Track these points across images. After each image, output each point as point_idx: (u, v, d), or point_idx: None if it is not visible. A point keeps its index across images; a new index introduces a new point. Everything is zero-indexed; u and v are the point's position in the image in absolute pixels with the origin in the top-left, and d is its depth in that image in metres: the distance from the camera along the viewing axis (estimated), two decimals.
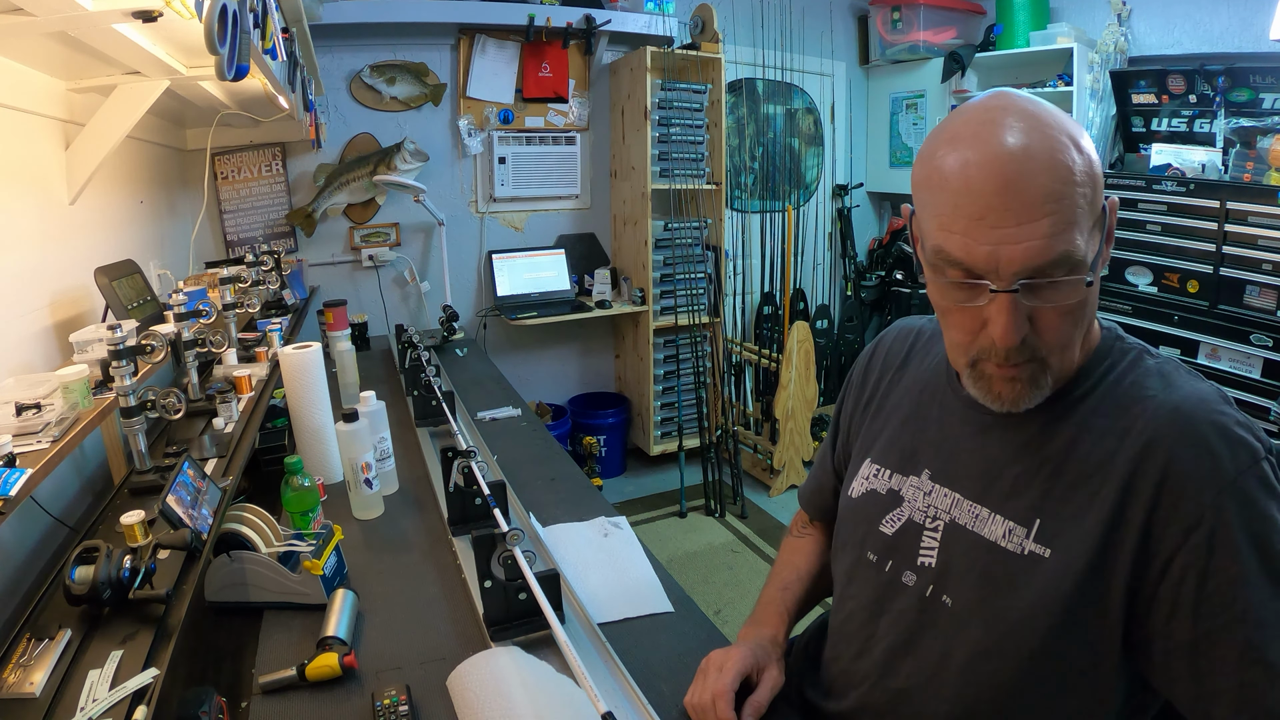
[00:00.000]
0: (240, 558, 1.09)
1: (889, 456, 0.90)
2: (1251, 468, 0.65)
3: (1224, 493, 0.64)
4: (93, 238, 1.59)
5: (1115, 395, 0.74)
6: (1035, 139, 0.65)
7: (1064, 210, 0.64)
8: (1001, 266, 0.66)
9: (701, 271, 3.39)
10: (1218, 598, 0.63)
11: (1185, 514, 0.65)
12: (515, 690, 0.89)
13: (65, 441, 0.94)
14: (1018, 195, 0.64)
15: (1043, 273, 0.66)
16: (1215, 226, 2.63)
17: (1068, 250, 0.65)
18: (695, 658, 0.97)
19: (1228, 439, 0.67)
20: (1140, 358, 0.77)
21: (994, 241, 0.66)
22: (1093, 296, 0.71)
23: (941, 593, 0.79)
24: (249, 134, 2.86)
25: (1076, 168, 0.65)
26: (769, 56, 3.43)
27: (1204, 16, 2.98)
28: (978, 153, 0.66)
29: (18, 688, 0.72)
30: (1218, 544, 0.64)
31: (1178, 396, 0.71)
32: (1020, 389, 0.73)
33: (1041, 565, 0.72)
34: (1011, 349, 0.69)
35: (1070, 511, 0.72)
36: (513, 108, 3.30)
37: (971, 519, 0.79)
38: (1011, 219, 0.64)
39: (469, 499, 1.30)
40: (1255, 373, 2.55)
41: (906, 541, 0.84)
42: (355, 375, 2.00)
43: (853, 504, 0.92)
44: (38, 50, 1.22)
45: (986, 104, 0.70)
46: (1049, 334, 0.70)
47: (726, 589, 2.63)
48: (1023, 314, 0.68)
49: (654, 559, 1.26)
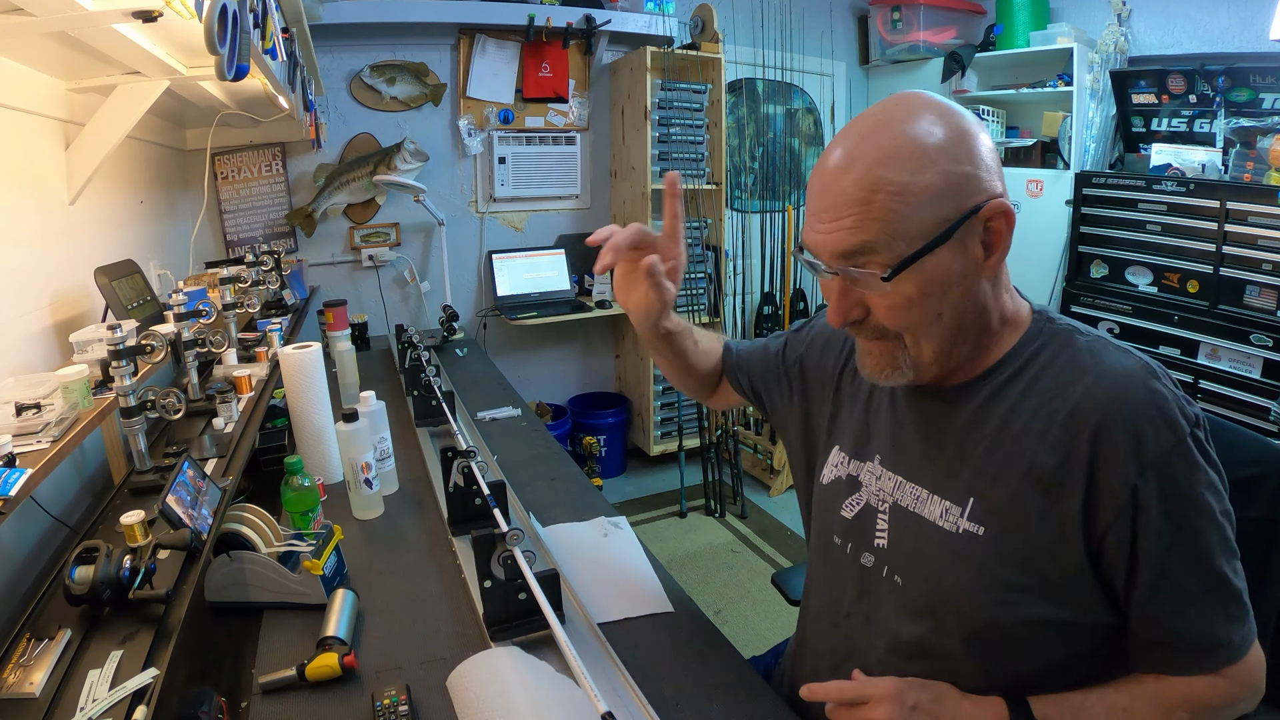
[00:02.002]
0: (240, 558, 1.09)
1: (848, 442, 0.94)
2: (1176, 445, 0.70)
3: (1148, 470, 0.70)
4: (93, 238, 1.59)
5: (1047, 376, 0.77)
6: (864, 150, 0.72)
7: (868, 213, 0.71)
8: (821, 252, 0.76)
9: (701, 271, 3.39)
10: (1135, 564, 0.71)
11: (1116, 492, 0.70)
12: (515, 690, 0.89)
13: (65, 441, 0.94)
14: (831, 200, 0.74)
15: (849, 260, 0.74)
16: (1215, 226, 2.63)
17: (862, 250, 0.72)
18: (695, 658, 0.97)
19: (1154, 417, 0.71)
20: (1071, 337, 0.80)
21: (818, 233, 0.76)
22: (957, 297, 0.75)
23: (894, 573, 0.84)
24: (249, 134, 2.86)
25: (900, 179, 0.70)
26: (769, 56, 3.43)
27: (1204, 16, 2.98)
28: (823, 162, 0.76)
29: (18, 688, 0.72)
30: (1140, 519, 0.70)
31: (1108, 376, 0.74)
32: (879, 362, 0.81)
33: (976, 543, 0.76)
34: (846, 324, 0.79)
35: (1003, 491, 0.76)
36: (513, 108, 3.30)
37: (913, 500, 0.83)
38: (828, 217, 0.74)
39: (469, 499, 1.30)
40: (1255, 373, 2.55)
41: (864, 524, 0.88)
42: (355, 375, 2.00)
43: (822, 490, 0.96)
44: (38, 50, 1.22)
45: (870, 109, 0.77)
46: (883, 318, 0.77)
47: (726, 589, 2.63)
48: (852, 298, 0.77)
49: (654, 559, 1.26)
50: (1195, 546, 0.71)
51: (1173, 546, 0.70)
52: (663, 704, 0.89)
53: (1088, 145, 3.20)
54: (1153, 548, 0.70)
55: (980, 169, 0.72)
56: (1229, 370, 2.63)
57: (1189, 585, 0.71)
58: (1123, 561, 0.72)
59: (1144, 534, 0.70)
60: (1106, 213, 3.00)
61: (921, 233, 0.71)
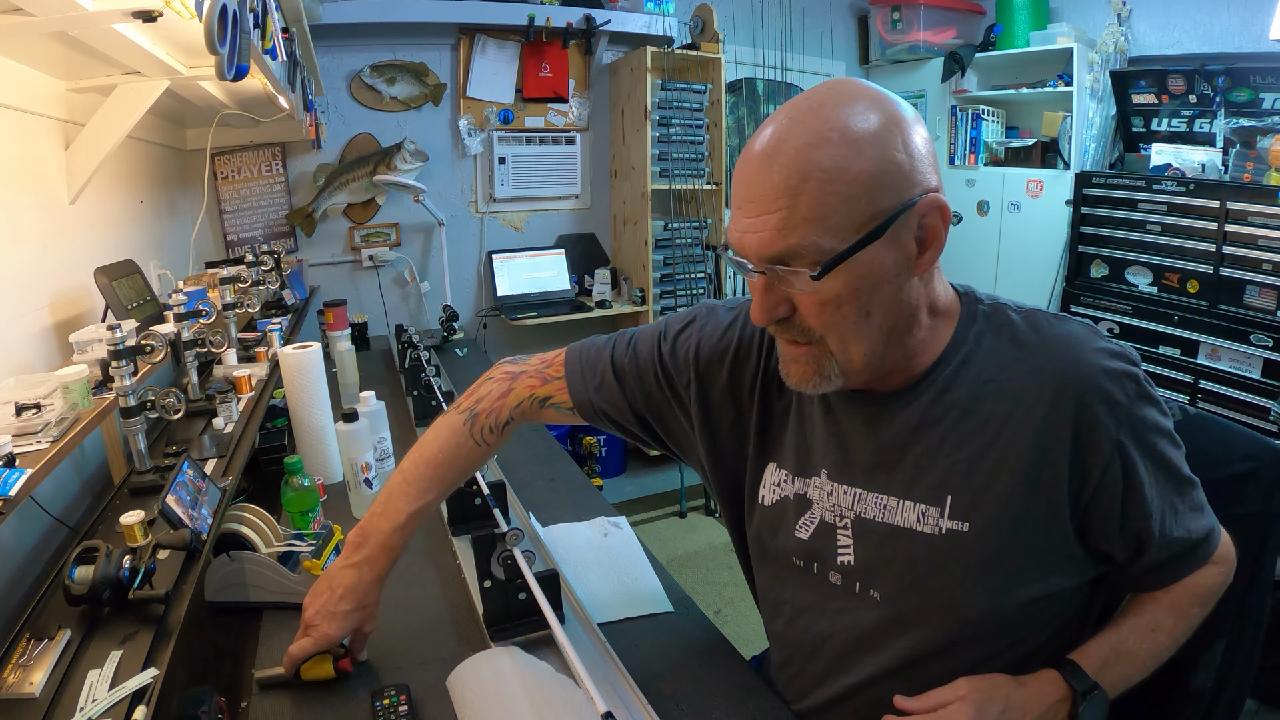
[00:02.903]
0: (240, 558, 1.09)
1: (788, 459, 0.88)
2: (1137, 392, 0.73)
3: (1123, 425, 0.73)
4: (93, 238, 1.59)
5: (995, 356, 0.77)
6: (794, 134, 0.68)
7: (798, 205, 0.67)
8: (747, 252, 0.71)
9: (701, 271, 3.39)
10: (1133, 505, 0.75)
11: (1101, 450, 0.73)
12: (515, 690, 0.89)
13: (65, 441, 0.94)
14: (758, 188, 0.69)
15: (779, 261, 0.69)
16: (1215, 226, 2.63)
17: (792, 248, 0.68)
18: (695, 658, 0.97)
19: (1112, 374, 0.73)
20: (1004, 314, 0.79)
21: (742, 229, 0.71)
22: (887, 295, 0.71)
23: (868, 588, 0.81)
24: (249, 134, 2.86)
25: (833, 164, 0.66)
26: (769, 56, 3.43)
27: (1204, 16, 2.98)
28: (750, 148, 0.71)
29: (17, 688, 0.72)
30: (1129, 468, 0.74)
31: (1057, 347, 0.75)
32: (804, 369, 0.77)
33: (962, 540, 0.75)
34: (767, 325, 0.75)
35: (980, 481, 0.75)
36: (513, 108, 3.30)
37: (880, 510, 0.80)
38: (754, 210, 0.69)
39: (469, 499, 1.30)
40: (1255, 373, 2.55)
41: (823, 543, 0.84)
42: (355, 375, 2.00)
43: (767, 512, 0.90)
44: (38, 50, 1.22)
45: (798, 97, 0.72)
46: (810, 319, 0.73)
47: (726, 589, 2.63)
48: (777, 296, 0.73)
49: (654, 559, 1.26)
50: (1168, 466, 0.76)
51: (1156, 476, 0.75)
52: (663, 704, 0.89)
53: (1088, 145, 3.20)
54: (1144, 484, 0.74)
55: (915, 159, 0.69)
56: (1229, 370, 2.63)
57: (1176, 501, 0.77)
58: (1116, 509, 0.74)
59: (1135, 477, 0.74)
60: (1106, 213, 3.00)
61: (853, 226, 0.67)
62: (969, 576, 0.75)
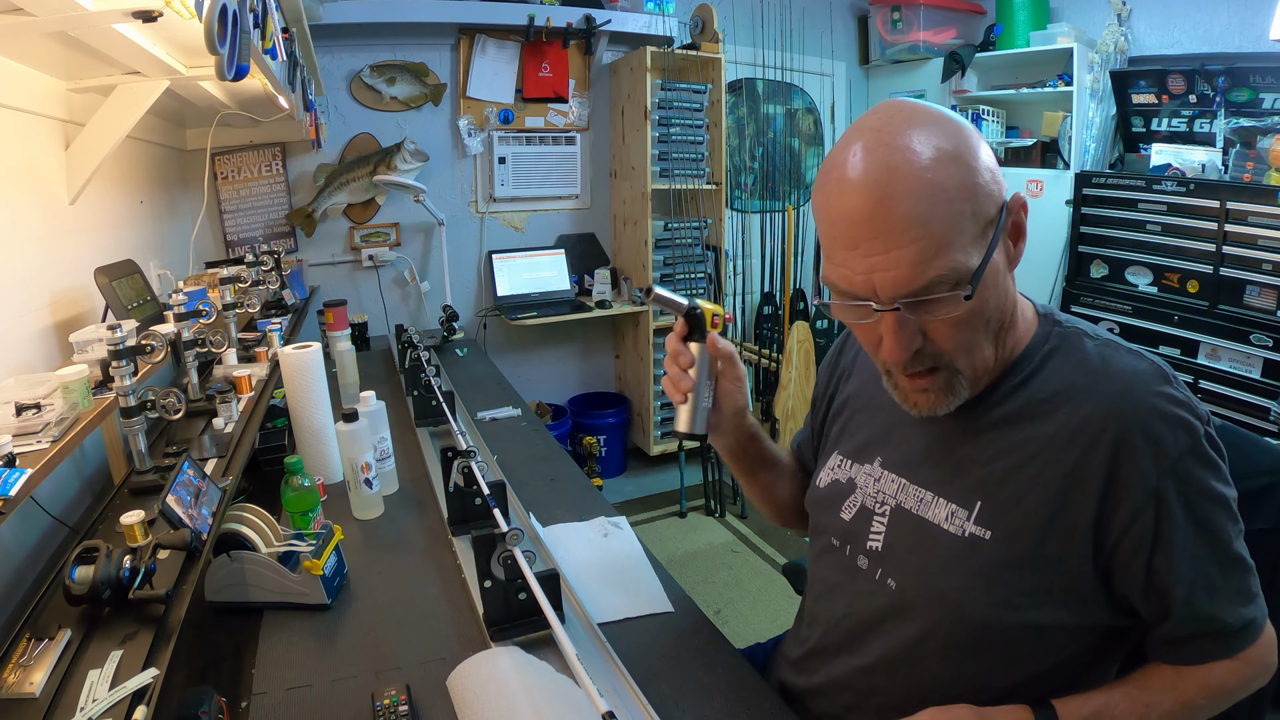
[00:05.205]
0: (240, 558, 1.09)
1: (848, 447, 0.94)
2: (1191, 447, 0.70)
3: (1166, 475, 0.69)
4: (93, 238, 1.59)
5: (1057, 380, 0.76)
6: (901, 159, 0.65)
7: (933, 232, 0.65)
8: (878, 291, 0.68)
9: (701, 271, 3.39)
10: (1161, 562, 0.70)
11: (1134, 496, 0.70)
12: (515, 690, 0.89)
13: (65, 441, 0.94)
14: (883, 222, 0.65)
15: (924, 292, 0.67)
16: (1215, 226, 2.63)
17: (939, 275, 0.66)
18: (695, 658, 0.97)
19: (1168, 420, 0.70)
20: (1080, 340, 0.79)
21: (866, 270, 0.68)
22: (999, 296, 0.72)
23: (888, 576, 0.83)
24: (249, 134, 2.86)
25: (950, 182, 0.65)
26: (769, 56, 3.43)
27: (1204, 16, 2.98)
28: (847, 181, 0.67)
29: (17, 688, 0.72)
30: (1162, 522, 0.70)
31: (1119, 380, 0.73)
32: (934, 398, 0.76)
33: (981, 547, 0.75)
34: (905, 361, 0.72)
35: (1010, 493, 0.75)
36: (513, 108, 3.30)
37: (916, 503, 0.82)
38: (880, 246, 0.66)
39: (469, 499, 1.30)
40: (1255, 373, 2.55)
41: (859, 526, 0.87)
42: (355, 375, 2.00)
43: (819, 494, 0.96)
44: (38, 50, 1.22)
45: (862, 124, 0.70)
46: (944, 342, 0.72)
47: (726, 589, 2.63)
48: (912, 328, 0.71)
49: (654, 559, 1.26)
50: (1214, 535, 0.71)
51: (1196, 540, 0.71)
52: (663, 704, 0.89)
53: (1088, 145, 3.20)
54: (1177, 544, 0.70)
55: (990, 159, 0.70)
56: (1229, 370, 2.63)
57: (1214, 576, 0.72)
58: (1141, 562, 0.71)
59: (1167, 533, 0.70)
60: (1106, 213, 3.00)
61: (980, 237, 0.68)
62: (979, 585, 0.75)
